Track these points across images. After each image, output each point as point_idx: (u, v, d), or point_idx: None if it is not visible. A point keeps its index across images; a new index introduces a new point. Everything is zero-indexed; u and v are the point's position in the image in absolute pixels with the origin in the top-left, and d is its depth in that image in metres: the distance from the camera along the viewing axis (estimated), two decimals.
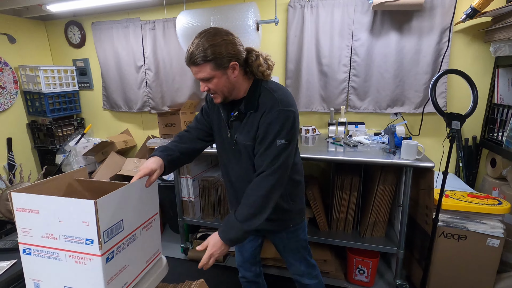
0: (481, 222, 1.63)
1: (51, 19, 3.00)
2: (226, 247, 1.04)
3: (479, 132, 2.12)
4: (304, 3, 2.20)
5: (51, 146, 2.94)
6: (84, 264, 0.83)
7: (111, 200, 0.84)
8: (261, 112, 1.03)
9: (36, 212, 0.85)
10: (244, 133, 1.07)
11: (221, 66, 0.97)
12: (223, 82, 1.00)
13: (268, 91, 1.05)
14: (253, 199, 1.02)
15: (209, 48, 0.94)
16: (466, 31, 2.01)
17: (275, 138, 1.00)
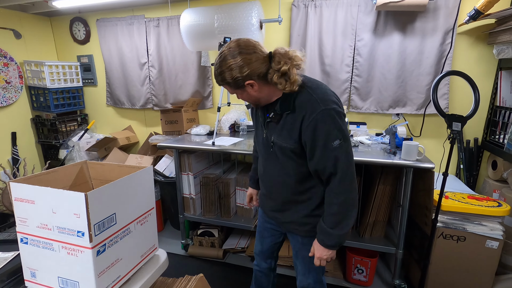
0: (480, 224, 1.63)
1: (56, 15, 3.02)
2: (329, 251, 1.07)
3: (480, 134, 2.12)
4: (308, 2, 2.21)
5: (54, 141, 2.97)
6: (76, 256, 0.84)
7: (103, 193, 0.85)
8: (301, 114, 0.99)
9: (32, 203, 0.86)
10: (283, 135, 1.05)
11: (237, 86, 1.00)
12: (246, 96, 1.04)
13: (304, 89, 1.00)
14: (335, 209, 1.02)
15: (223, 73, 0.99)
16: (469, 32, 2.01)
17: (327, 141, 0.97)
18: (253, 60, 0.96)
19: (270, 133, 1.10)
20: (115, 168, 1.09)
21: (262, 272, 1.48)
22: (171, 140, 2.30)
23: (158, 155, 2.69)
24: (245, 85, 0.99)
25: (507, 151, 1.71)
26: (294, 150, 1.04)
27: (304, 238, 1.21)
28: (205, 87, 2.71)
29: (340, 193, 1.01)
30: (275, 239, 1.39)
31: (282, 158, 1.10)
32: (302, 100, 0.99)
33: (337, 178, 1.00)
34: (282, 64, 0.95)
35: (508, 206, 1.62)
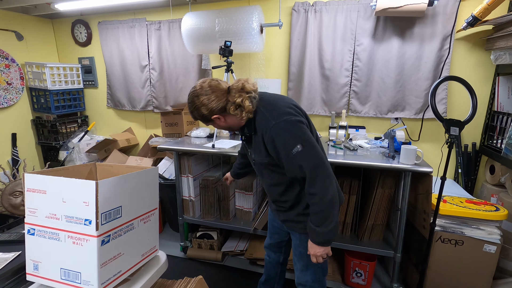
0: (478, 228, 1.64)
1: (58, 17, 3.04)
2: (322, 248, 1.12)
3: (478, 139, 2.13)
4: (308, 7, 2.23)
5: (54, 142, 2.97)
6: (80, 245, 0.88)
7: (112, 184, 0.89)
8: (260, 134, 1.11)
9: (43, 193, 0.91)
10: (257, 153, 1.18)
11: (207, 120, 1.16)
12: (218, 126, 1.20)
13: (260, 111, 1.12)
14: (315, 208, 1.09)
15: (193, 111, 1.15)
16: (467, 38, 2.03)
17: (287, 151, 1.05)
18: (212, 99, 1.10)
19: (251, 153, 1.24)
20: (123, 169, 1.12)
21: (271, 262, 1.60)
22: (171, 142, 2.31)
23: (158, 157, 2.70)
24: (213, 119, 1.15)
25: (505, 156, 1.73)
26: (270, 163, 1.16)
27: (301, 234, 1.27)
28: None
29: (315, 194, 1.06)
30: (281, 237, 1.51)
31: (265, 172, 1.23)
32: (258, 121, 1.12)
33: (308, 180, 1.07)
34: (237, 97, 1.09)
35: (506, 211, 1.63)
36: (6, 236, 1.18)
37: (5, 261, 1.03)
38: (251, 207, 2.21)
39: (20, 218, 1.75)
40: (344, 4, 2.15)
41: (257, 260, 2.15)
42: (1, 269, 1.02)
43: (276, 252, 1.58)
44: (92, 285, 0.88)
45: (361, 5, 2.12)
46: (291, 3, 2.29)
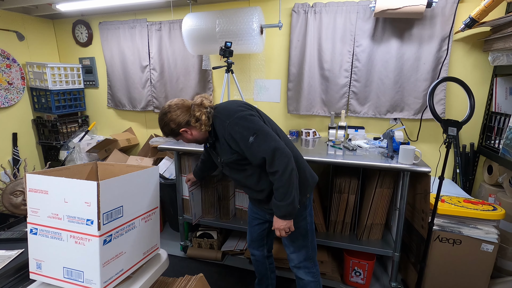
0: (475, 228, 1.66)
1: (59, 18, 3.06)
2: (284, 221, 1.24)
3: (476, 139, 2.15)
4: (307, 8, 2.25)
5: (55, 142, 2.98)
6: (83, 245, 0.89)
7: (113, 184, 0.91)
8: (222, 136, 1.25)
9: (45, 193, 0.92)
10: (223, 154, 1.30)
11: (176, 135, 1.31)
12: (186, 139, 1.34)
13: (216, 118, 1.27)
14: (277, 184, 1.20)
15: (163, 128, 1.30)
16: (465, 40, 2.05)
17: (245, 142, 1.19)
18: (178, 114, 1.26)
19: (220, 157, 1.35)
20: (124, 169, 1.14)
21: (258, 260, 1.66)
22: (172, 142, 2.32)
23: (158, 157, 2.71)
24: (181, 133, 1.29)
25: (502, 156, 1.74)
26: (237, 159, 1.27)
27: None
28: (206, 90, 2.75)
29: (275, 172, 1.18)
30: (261, 227, 1.58)
31: (236, 168, 1.33)
32: (217, 127, 1.27)
33: (268, 162, 1.18)
34: (197, 111, 1.25)
35: (503, 210, 1.65)
36: (9, 234, 1.20)
37: (8, 259, 1.04)
38: None
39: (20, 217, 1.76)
40: (344, 5, 2.16)
41: None
42: (4, 266, 1.03)
43: (259, 248, 1.63)
44: (94, 283, 0.89)
45: (360, 6, 2.14)
46: (291, 4, 2.31)
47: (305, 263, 1.42)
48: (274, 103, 2.59)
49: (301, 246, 1.40)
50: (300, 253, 1.41)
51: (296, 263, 1.43)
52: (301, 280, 1.45)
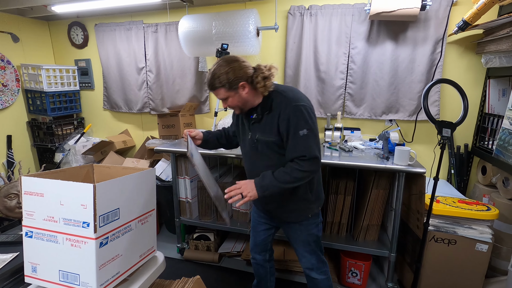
0: (470, 228, 1.68)
1: (54, 19, 3.04)
2: (254, 191, 1.23)
3: (470, 140, 2.18)
4: (303, 11, 2.27)
5: (50, 144, 2.96)
6: (79, 248, 0.88)
7: (109, 187, 0.90)
8: (277, 112, 1.22)
9: (41, 195, 0.91)
10: (266, 131, 1.26)
11: (231, 88, 1.21)
12: (237, 99, 1.25)
13: (279, 93, 1.25)
14: (289, 171, 1.21)
15: (221, 75, 1.20)
16: (459, 42, 2.08)
17: (296, 130, 1.18)
18: (243, 66, 1.22)
19: (254, 133, 1.31)
20: (120, 171, 1.13)
21: (259, 264, 1.65)
22: (168, 144, 2.32)
23: (154, 159, 2.70)
24: (239, 87, 1.21)
25: (496, 157, 1.77)
26: (276, 142, 1.25)
27: (300, 224, 1.40)
28: (202, 92, 2.75)
29: (302, 169, 1.20)
30: (267, 232, 1.57)
31: (267, 151, 1.29)
32: (277, 101, 1.24)
33: (301, 159, 1.20)
34: (266, 72, 1.22)
35: (497, 210, 1.67)
36: (3, 237, 1.18)
37: (3, 262, 1.03)
38: (248, 209, 2.22)
39: (15, 220, 1.74)
40: (339, 8, 2.18)
41: None
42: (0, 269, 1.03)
43: (261, 252, 1.62)
44: (90, 286, 0.89)
45: (356, 9, 2.16)
46: (287, 6, 2.33)
47: (318, 265, 1.46)
48: None
49: (313, 251, 1.45)
50: (312, 257, 1.45)
51: (308, 266, 1.47)
52: (314, 279, 1.48)
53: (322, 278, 1.48)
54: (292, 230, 1.44)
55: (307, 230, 1.41)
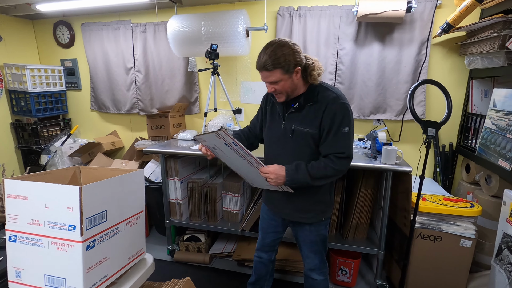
0: (455, 224, 1.73)
1: (39, 18, 2.97)
2: (283, 180, 1.24)
3: (455, 139, 2.24)
4: (292, 12, 2.28)
5: (35, 146, 2.89)
6: (65, 251, 0.87)
7: (96, 189, 0.89)
8: (323, 105, 1.21)
9: (25, 199, 0.89)
10: (306, 122, 1.25)
11: (288, 71, 1.17)
12: (288, 84, 1.21)
13: (325, 88, 1.26)
14: (322, 173, 1.23)
15: (281, 57, 1.15)
16: (443, 44, 2.14)
17: (340, 126, 1.20)
18: (300, 51, 1.19)
19: (290, 123, 1.28)
20: (108, 173, 1.12)
21: (263, 262, 1.62)
22: (158, 145, 2.30)
23: (143, 160, 2.67)
24: (294, 71, 1.18)
25: (479, 155, 1.82)
26: (313, 134, 1.24)
27: (311, 225, 1.40)
28: (192, 93, 2.73)
29: (337, 167, 1.23)
30: (277, 235, 1.56)
31: (300, 142, 1.28)
32: (324, 95, 1.23)
33: (343, 157, 1.23)
34: (315, 61, 1.23)
35: (480, 207, 1.72)
36: None
37: None
38: (239, 209, 2.23)
39: None
40: (327, 9, 2.21)
41: (245, 261, 2.17)
42: None
43: (268, 252, 1.61)
44: None
45: (344, 10, 2.19)
46: (276, 7, 2.34)
47: (320, 265, 1.47)
48: None
49: (318, 251, 1.46)
50: (316, 257, 1.46)
51: (311, 266, 1.47)
52: (314, 280, 1.49)
53: (322, 279, 1.49)
54: (302, 231, 1.44)
55: (317, 231, 1.41)
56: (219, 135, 1.15)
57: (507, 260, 1.41)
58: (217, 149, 1.28)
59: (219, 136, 1.15)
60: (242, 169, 1.38)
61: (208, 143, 1.28)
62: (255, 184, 1.46)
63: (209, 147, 1.31)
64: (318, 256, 1.46)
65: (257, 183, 1.44)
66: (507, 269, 1.40)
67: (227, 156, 1.30)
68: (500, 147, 1.59)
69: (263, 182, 1.33)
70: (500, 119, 1.61)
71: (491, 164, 1.67)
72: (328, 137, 1.22)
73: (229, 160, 1.34)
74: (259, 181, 1.38)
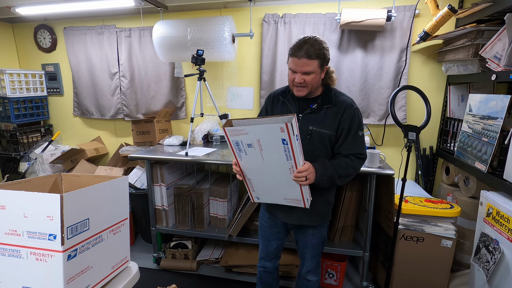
0: (436, 225, 1.78)
1: (19, 22, 2.89)
2: (313, 179, 1.21)
3: (435, 143, 2.32)
4: (277, 19, 2.32)
5: (14, 153, 2.79)
6: (45, 262, 0.84)
7: (78, 197, 0.87)
8: (341, 109, 1.27)
9: (2, 208, 0.86)
10: (325, 124, 1.28)
11: (322, 66, 1.23)
12: (317, 78, 1.25)
13: (340, 93, 1.34)
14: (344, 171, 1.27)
15: (323, 49, 1.21)
16: (422, 51, 2.22)
17: (358, 130, 1.29)
18: None
19: (306, 124, 1.30)
20: (91, 180, 1.09)
21: (268, 271, 1.60)
22: (143, 151, 2.27)
23: (129, 166, 2.62)
24: (324, 68, 1.25)
25: (457, 158, 1.90)
26: (330, 136, 1.29)
27: (314, 228, 1.42)
28: (178, 98, 2.72)
29: (356, 166, 1.30)
30: (280, 241, 1.55)
31: (316, 144, 1.30)
32: (341, 99, 1.30)
33: (362, 157, 1.31)
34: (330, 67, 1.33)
35: (459, 208, 1.79)
36: None
37: None
38: (226, 214, 2.22)
39: None
40: (312, 17, 2.26)
41: (232, 267, 2.15)
42: None
43: (272, 260, 1.57)
44: None
45: (327, 18, 2.25)
46: (262, 14, 2.38)
47: (316, 266, 1.49)
48: (247, 110, 2.62)
49: (318, 254, 1.48)
50: (314, 259, 1.48)
51: (310, 269, 1.49)
52: (308, 281, 1.50)
53: (316, 280, 1.51)
54: (306, 235, 1.44)
55: (320, 233, 1.43)
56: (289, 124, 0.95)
57: (485, 258, 1.47)
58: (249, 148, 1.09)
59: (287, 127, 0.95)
60: (268, 177, 1.21)
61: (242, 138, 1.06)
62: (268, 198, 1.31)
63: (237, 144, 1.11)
64: (316, 259, 1.48)
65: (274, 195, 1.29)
66: (485, 267, 1.46)
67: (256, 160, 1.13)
68: (476, 150, 1.66)
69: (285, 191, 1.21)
70: (476, 123, 1.69)
71: (469, 166, 1.73)
72: (348, 138, 1.28)
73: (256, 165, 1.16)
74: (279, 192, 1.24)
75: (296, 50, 1.21)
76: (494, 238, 1.43)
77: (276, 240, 1.53)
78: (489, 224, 1.48)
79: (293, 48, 1.22)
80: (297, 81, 1.23)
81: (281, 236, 1.53)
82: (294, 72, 1.24)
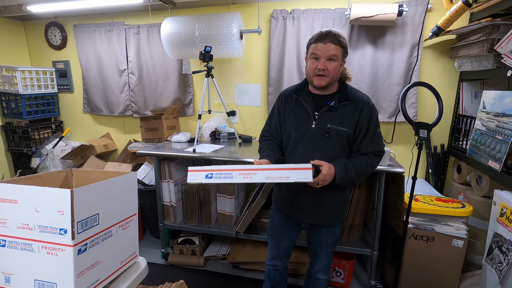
0: (447, 224, 1.75)
1: (30, 19, 2.94)
2: (331, 179, 1.21)
3: (446, 141, 2.27)
4: (286, 15, 2.30)
5: (26, 149, 2.84)
6: (56, 255, 0.85)
7: (88, 192, 0.88)
8: (359, 106, 1.26)
9: (14, 202, 0.88)
10: (344, 122, 1.26)
11: (344, 55, 1.24)
12: (338, 68, 1.24)
13: (356, 89, 1.33)
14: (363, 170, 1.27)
15: (345, 40, 1.24)
16: (434, 47, 2.17)
17: (376, 127, 1.28)
18: None
19: (323, 122, 1.28)
20: (100, 175, 1.10)
21: (277, 270, 1.57)
22: (151, 147, 2.29)
23: (137, 162, 2.65)
24: (344, 60, 1.27)
25: (469, 156, 1.85)
26: (348, 134, 1.27)
27: (328, 228, 1.40)
28: (186, 95, 2.73)
29: (374, 164, 1.31)
30: (292, 240, 1.53)
31: (334, 142, 1.28)
32: (358, 96, 1.29)
33: (380, 155, 1.32)
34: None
35: (471, 207, 1.75)
36: None
37: None
38: (233, 211, 2.22)
39: None
40: (321, 12, 2.23)
41: (239, 263, 2.16)
42: None
43: (282, 259, 1.55)
44: None
45: (336, 13, 2.21)
46: (270, 10, 2.35)
47: (327, 265, 1.49)
48: (255, 107, 2.61)
49: (330, 253, 1.48)
50: (326, 258, 1.47)
51: (321, 268, 1.48)
52: (319, 280, 1.50)
53: (326, 279, 1.51)
54: (319, 234, 1.42)
55: (333, 232, 1.42)
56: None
57: (498, 259, 1.44)
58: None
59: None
60: None
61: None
62: None
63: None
64: (327, 258, 1.47)
65: None
66: (498, 268, 1.42)
67: None
68: (490, 148, 1.62)
69: None
70: (490, 121, 1.64)
71: (482, 165, 1.69)
72: (367, 136, 1.27)
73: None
74: None
75: (320, 37, 1.22)
76: (507, 238, 1.39)
77: (288, 240, 1.51)
78: (502, 224, 1.44)
79: (317, 36, 1.23)
80: (320, 67, 1.21)
81: (293, 236, 1.51)
82: (316, 60, 1.23)
